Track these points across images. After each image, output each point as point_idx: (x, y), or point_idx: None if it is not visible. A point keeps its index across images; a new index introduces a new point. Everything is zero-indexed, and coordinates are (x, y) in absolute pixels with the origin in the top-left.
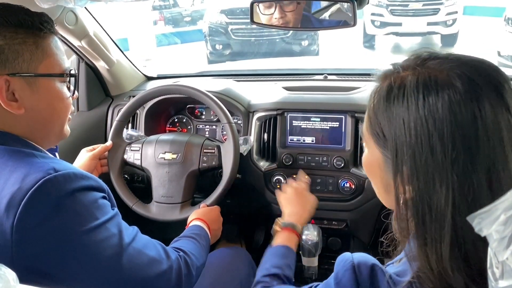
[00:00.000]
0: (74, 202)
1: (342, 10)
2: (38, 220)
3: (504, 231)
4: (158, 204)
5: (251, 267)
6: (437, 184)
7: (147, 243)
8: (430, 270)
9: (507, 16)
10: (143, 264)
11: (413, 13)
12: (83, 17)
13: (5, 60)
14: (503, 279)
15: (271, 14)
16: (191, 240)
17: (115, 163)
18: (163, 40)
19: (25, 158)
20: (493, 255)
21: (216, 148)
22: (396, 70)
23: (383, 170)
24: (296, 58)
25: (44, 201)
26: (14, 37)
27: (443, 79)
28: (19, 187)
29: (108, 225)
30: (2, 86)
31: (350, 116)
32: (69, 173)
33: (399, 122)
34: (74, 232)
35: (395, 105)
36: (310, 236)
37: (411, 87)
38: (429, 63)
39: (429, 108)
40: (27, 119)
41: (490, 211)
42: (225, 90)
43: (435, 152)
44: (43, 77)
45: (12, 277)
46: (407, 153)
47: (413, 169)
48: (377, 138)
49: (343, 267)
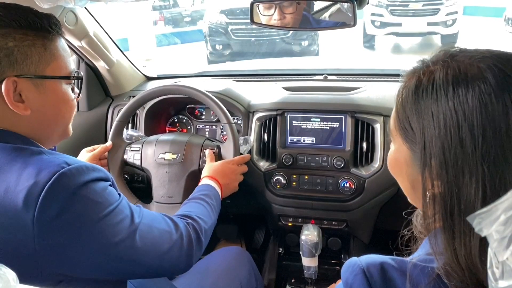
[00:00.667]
0: (88, 192)
1: (342, 10)
2: (57, 211)
3: (504, 231)
4: (158, 204)
5: (251, 267)
6: (467, 177)
7: (154, 217)
8: (458, 264)
9: (507, 16)
10: (155, 237)
11: (413, 13)
12: (83, 17)
13: (14, 62)
14: (503, 279)
15: (270, 15)
16: (198, 203)
17: (115, 163)
18: (163, 40)
19: (34, 155)
20: (493, 255)
21: (216, 149)
22: (425, 65)
23: (410, 165)
24: (296, 58)
25: (61, 193)
26: (24, 39)
27: (473, 71)
28: (34, 181)
29: (121, 207)
30: (10, 87)
31: (350, 116)
32: (81, 166)
33: (428, 114)
34: (91, 219)
35: (424, 98)
36: (310, 236)
37: (440, 80)
38: (458, 57)
39: (459, 99)
40: (32, 120)
41: (491, 211)
42: (225, 90)
43: (465, 144)
44: (50, 79)
45: (12, 277)
46: (436, 145)
47: (442, 162)
48: (404, 133)
49: (351, 272)
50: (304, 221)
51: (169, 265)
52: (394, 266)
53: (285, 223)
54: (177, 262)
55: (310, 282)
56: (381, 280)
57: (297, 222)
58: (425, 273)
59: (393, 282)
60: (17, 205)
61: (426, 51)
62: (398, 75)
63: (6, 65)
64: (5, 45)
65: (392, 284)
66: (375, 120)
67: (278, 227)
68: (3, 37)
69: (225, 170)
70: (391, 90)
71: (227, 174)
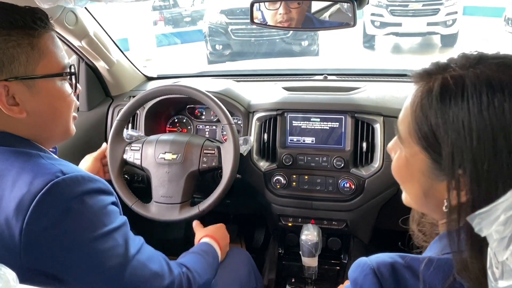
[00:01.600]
0: (82, 206)
1: (342, 10)
2: (47, 224)
3: (504, 231)
4: (157, 204)
5: (251, 267)
6: (500, 189)
7: (152, 256)
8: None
9: (507, 16)
10: (145, 277)
11: (413, 13)
12: (83, 17)
13: (1, 66)
14: (503, 279)
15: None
16: (196, 256)
17: (115, 162)
18: (163, 40)
19: (31, 159)
20: (493, 255)
21: (216, 149)
22: (449, 67)
23: (425, 174)
24: (296, 58)
25: (52, 205)
26: (8, 40)
27: (508, 80)
28: (27, 190)
29: (115, 234)
30: (1, 92)
31: (350, 116)
32: (77, 176)
33: (457, 124)
34: (81, 239)
35: (452, 106)
36: (310, 236)
37: (472, 87)
38: (485, 63)
39: (495, 110)
40: (30, 121)
41: (490, 211)
42: (225, 90)
43: (499, 157)
44: (42, 78)
45: (12, 277)
46: (467, 158)
47: (473, 174)
48: (425, 141)
49: (361, 272)
50: (304, 221)
51: None
52: (405, 266)
53: (285, 223)
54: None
55: (310, 282)
56: (392, 279)
57: (297, 222)
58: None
59: (404, 282)
60: (8, 213)
61: (426, 51)
62: (398, 75)
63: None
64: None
65: (403, 283)
66: (375, 120)
67: (278, 227)
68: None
69: (223, 233)
70: (391, 90)
71: (224, 237)
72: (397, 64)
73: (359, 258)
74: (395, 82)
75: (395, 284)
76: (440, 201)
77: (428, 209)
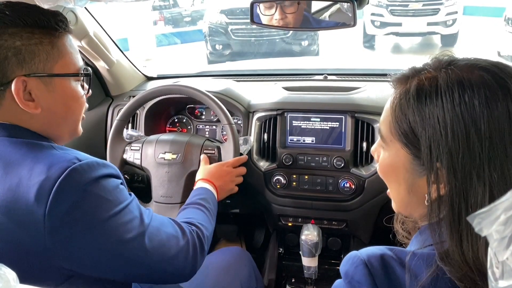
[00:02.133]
0: (99, 188)
1: (342, 10)
2: (68, 207)
3: (504, 231)
4: (157, 204)
5: (251, 267)
6: (474, 180)
7: (163, 221)
8: (466, 264)
9: (507, 16)
10: (163, 241)
11: (413, 13)
12: (83, 17)
13: (22, 61)
14: (503, 279)
15: (271, 15)
16: (197, 208)
17: (115, 162)
18: (163, 40)
19: (45, 150)
20: (493, 255)
21: (216, 149)
22: (424, 70)
23: (408, 170)
24: (296, 58)
25: (72, 189)
26: (31, 37)
27: (476, 78)
28: (46, 176)
29: (130, 207)
30: (20, 87)
31: (350, 116)
32: (92, 162)
33: (433, 120)
34: (101, 217)
35: (428, 104)
36: (310, 236)
37: (445, 86)
38: (457, 64)
39: (466, 105)
40: (43, 117)
41: (490, 211)
42: (225, 90)
43: (473, 148)
44: (58, 77)
45: (12, 277)
46: (444, 150)
47: (449, 166)
48: (405, 138)
49: (352, 264)
50: (304, 221)
51: (173, 270)
52: (393, 257)
53: (285, 223)
54: (182, 268)
55: (310, 282)
56: (382, 270)
57: (297, 222)
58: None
59: (393, 272)
60: (29, 199)
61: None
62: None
63: (14, 64)
64: (13, 44)
65: (393, 273)
66: (375, 120)
67: (278, 227)
68: (10, 36)
69: (219, 172)
70: (391, 90)
71: (221, 176)
72: (397, 64)
73: (350, 252)
74: None
75: (385, 274)
76: (422, 197)
77: (411, 207)
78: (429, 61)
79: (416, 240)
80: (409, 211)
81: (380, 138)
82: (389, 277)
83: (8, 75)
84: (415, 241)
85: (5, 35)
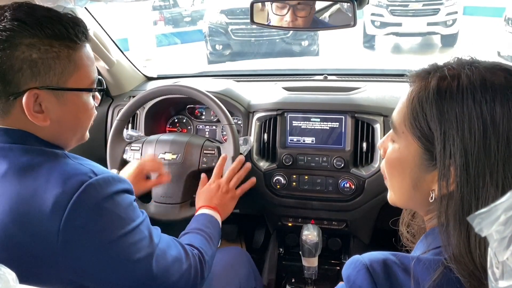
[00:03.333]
0: (113, 205)
1: (342, 10)
2: (83, 222)
3: (504, 231)
4: (157, 204)
5: (251, 267)
6: (487, 179)
7: (170, 242)
8: (472, 262)
9: (507, 16)
10: (168, 265)
11: (413, 13)
12: (83, 17)
13: (37, 73)
14: (503, 279)
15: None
16: (198, 233)
17: (115, 162)
18: (163, 40)
19: (59, 159)
20: (493, 255)
21: (216, 149)
22: (446, 67)
23: (417, 164)
24: (296, 58)
25: (88, 204)
26: (49, 50)
27: (499, 80)
28: (62, 190)
29: (142, 227)
30: (31, 100)
31: (350, 116)
32: (107, 177)
33: (451, 116)
34: (113, 234)
35: (448, 99)
36: (310, 236)
37: (467, 83)
38: (479, 65)
39: (486, 104)
40: (51, 128)
41: (491, 211)
42: (225, 90)
43: (489, 147)
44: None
45: (12, 277)
46: (458, 147)
47: (463, 163)
48: (420, 131)
49: (354, 269)
50: (304, 221)
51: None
52: (396, 262)
53: (285, 223)
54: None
55: (310, 282)
56: (384, 275)
57: (297, 222)
58: (431, 268)
59: (396, 277)
60: (43, 212)
61: (426, 51)
62: (398, 75)
63: (28, 76)
64: (30, 57)
65: (395, 279)
66: (375, 120)
67: (278, 227)
68: (28, 48)
69: (215, 194)
70: (391, 90)
71: (221, 198)
72: (397, 64)
73: (352, 256)
74: (395, 82)
75: (387, 279)
76: (427, 193)
77: (414, 203)
78: (451, 60)
79: (421, 244)
80: (409, 206)
81: (392, 130)
82: (391, 282)
83: (20, 86)
84: (420, 244)
85: (22, 46)
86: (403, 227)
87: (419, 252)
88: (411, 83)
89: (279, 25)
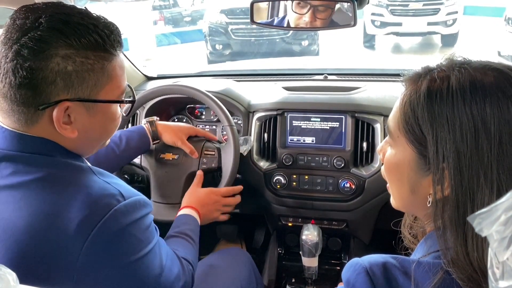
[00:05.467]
0: (136, 230)
1: (342, 10)
2: (105, 246)
3: (504, 231)
4: (156, 203)
5: (251, 267)
6: (482, 180)
7: (172, 258)
8: (470, 265)
9: (507, 16)
10: (171, 281)
11: (413, 13)
12: None
13: (70, 86)
14: (503, 280)
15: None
16: (188, 241)
17: None
18: (163, 40)
19: (86, 175)
20: (494, 256)
21: (216, 150)
22: (437, 69)
23: (413, 168)
24: (296, 58)
25: (113, 229)
26: (84, 63)
27: (489, 80)
28: (89, 212)
29: (156, 247)
30: (61, 113)
31: (350, 116)
32: (135, 202)
33: (442, 118)
34: (131, 257)
35: (438, 102)
36: (310, 236)
37: (457, 85)
38: (470, 65)
39: (477, 106)
40: (77, 139)
41: (491, 211)
42: (225, 90)
43: (481, 149)
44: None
45: (12, 277)
46: (451, 149)
47: (456, 166)
48: (413, 135)
49: (354, 271)
50: (304, 221)
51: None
52: (396, 266)
53: (285, 223)
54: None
55: (310, 282)
56: (384, 279)
57: (297, 222)
58: (431, 271)
59: (395, 281)
60: (67, 232)
61: (426, 51)
62: (398, 75)
63: (61, 88)
64: (64, 69)
65: (395, 282)
66: (375, 120)
67: (278, 227)
68: (63, 60)
69: (206, 199)
70: (391, 90)
71: (207, 204)
72: (397, 63)
73: (352, 259)
74: (395, 82)
75: (387, 283)
76: (425, 198)
77: (414, 207)
78: (443, 60)
79: (421, 247)
80: (410, 210)
81: (388, 135)
82: (390, 286)
83: (51, 97)
84: (420, 247)
85: (57, 57)
86: (405, 229)
87: (419, 255)
88: (405, 87)
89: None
